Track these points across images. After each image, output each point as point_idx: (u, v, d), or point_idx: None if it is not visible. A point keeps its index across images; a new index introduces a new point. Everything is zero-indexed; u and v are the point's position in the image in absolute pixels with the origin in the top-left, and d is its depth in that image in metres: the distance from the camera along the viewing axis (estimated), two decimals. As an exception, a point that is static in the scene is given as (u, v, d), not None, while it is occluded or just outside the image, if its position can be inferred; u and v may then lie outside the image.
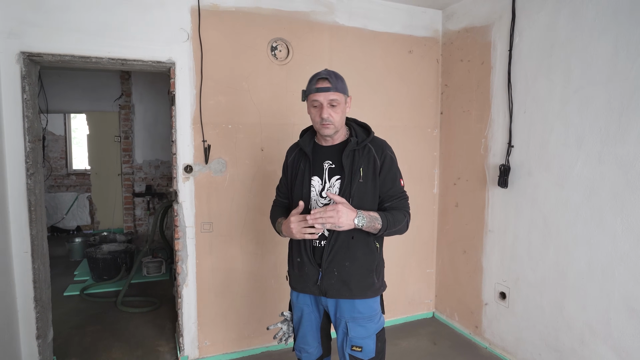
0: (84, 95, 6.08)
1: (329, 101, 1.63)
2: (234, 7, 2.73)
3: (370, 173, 1.69)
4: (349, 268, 1.69)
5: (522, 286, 2.74)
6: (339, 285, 1.70)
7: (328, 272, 1.70)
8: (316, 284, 1.73)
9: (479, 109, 3.04)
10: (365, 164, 1.69)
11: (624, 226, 2.13)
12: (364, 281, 1.72)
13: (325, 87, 1.63)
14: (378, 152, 1.72)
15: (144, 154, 5.87)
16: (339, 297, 1.72)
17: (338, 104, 1.65)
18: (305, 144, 1.79)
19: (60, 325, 3.37)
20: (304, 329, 1.85)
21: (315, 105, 1.66)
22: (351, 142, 1.69)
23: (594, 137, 2.25)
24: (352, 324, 1.71)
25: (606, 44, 2.17)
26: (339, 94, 1.64)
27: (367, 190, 1.69)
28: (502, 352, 2.90)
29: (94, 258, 4.39)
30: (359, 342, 1.71)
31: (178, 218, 2.72)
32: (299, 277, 1.79)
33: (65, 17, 2.36)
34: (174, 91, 2.65)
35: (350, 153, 1.70)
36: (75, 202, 6.67)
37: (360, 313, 1.71)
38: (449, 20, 3.33)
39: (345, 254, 1.69)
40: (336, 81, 1.64)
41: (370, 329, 1.73)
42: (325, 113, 1.63)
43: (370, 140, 1.74)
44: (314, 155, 1.77)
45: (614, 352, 2.19)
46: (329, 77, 1.63)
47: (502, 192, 2.85)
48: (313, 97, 1.65)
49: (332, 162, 1.73)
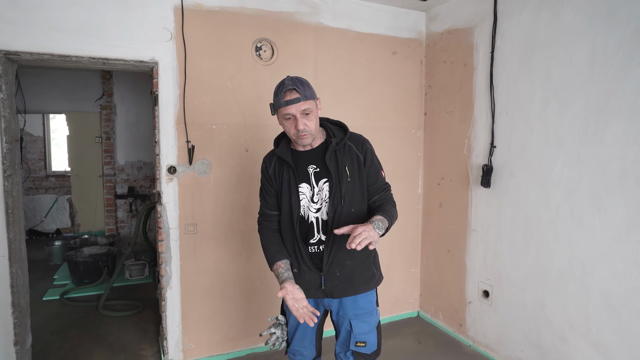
0: (63, 95, 5.94)
1: (301, 112, 1.57)
2: (218, 6, 2.71)
3: (355, 170, 1.70)
4: (350, 266, 1.73)
5: (504, 284, 2.78)
6: (343, 285, 1.73)
7: (330, 274, 1.72)
8: (320, 288, 1.74)
9: (462, 110, 3.08)
10: (349, 161, 1.69)
11: (602, 224, 2.18)
12: (364, 275, 1.77)
13: (295, 99, 1.56)
14: (359, 148, 1.73)
15: (126, 155, 5.77)
16: (344, 296, 1.75)
17: (311, 112, 1.60)
18: (284, 153, 1.72)
19: (39, 330, 3.29)
20: (302, 333, 1.84)
21: (288, 118, 1.60)
22: (332, 144, 1.68)
23: (573, 137, 2.30)
24: (356, 321, 1.76)
25: (584, 47, 2.23)
26: (309, 101, 1.59)
27: (356, 188, 1.70)
28: (486, 350, 2.95)
29: (75, 261, 4.29)
30: (363, 337, 1.76)
31: (162, 220, 2.68)
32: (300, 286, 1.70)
33: (44, 14, 2.30)
34: (157, 91, 2.61)
35: (333, 154, 1.69)
36: (54, 205, 6.51)
37: (363, 309, 1.76)
38: (432, 22, 3.37)
39: (345, 253, 1.71)
40: (304, 89, 1.58)
41: (372, 323, 1.79)
42: (301, 124, 1.58)
43: (349, 137, 1.74)
44: (295, 162, 1.71)
45: (593, 347, 2.24)
46: (296, 87, 1.56)
47: (485, 192, 2.90)
48: (284, 111, 1.59)
49: (317, 166, 1.71)
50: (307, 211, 1.72)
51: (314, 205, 1.71)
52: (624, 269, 2.09)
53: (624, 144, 2.07)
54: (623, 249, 2.09)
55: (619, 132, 2.08)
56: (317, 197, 1.71)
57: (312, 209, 1.71)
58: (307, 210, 1.72)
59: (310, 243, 1.73)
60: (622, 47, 2.06)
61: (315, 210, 1.71)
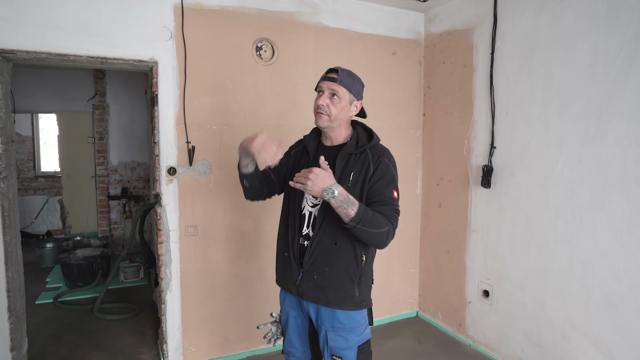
0: (54, 94, 5.83)
1: (330, 90, 1.62)
2: (219, 6, 2.68)
3: (360, 179, 1.63)
4: (328, 274, 1.64)
5: (504, 284, 2.80)
6: (316, 290, 1.66)
7: (308, 274, 1.67)
8: (295, 283, 1.70)
9: (462, 111, 3.10)
10: (358, 169, 1.64)
11: (603, 224, 2.21)
12: (342, 291, 1.65)
13: (331, 77, 1.63)
14: (374, 158, 1.65)
15: (120, 155, 5.68)
16: (314, 302, 1.68)
17: (339, 97, 1.62)
18: (310, 141, 1.78)
19: (33, 335, 3.22)
20: (290, 332, 1.84)
21: (319, 92, 1.67)
22: (347, 145, 1.66)
23: (574, 138, 2.33)
24: (332, 334, 1.67)
25: (585, 49, 2.25)
26: (342, 88, 1.62)
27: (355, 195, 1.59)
28: (486, 349, 2.96)
29: (68, 264, 4.21)
30: (339, 352, 1.67)
31: (161, 221, 2.64)
32: (283, 273, 1.77)
33: (42, 12, 2.25)
34: (157, 91, 2.57)
35: (346, 156, 1.66)
36: (45, 206, 6.39)
37: (341, 323, 1.66)
38: (431, 23, 3.38)
39: (327, 259, 1.64)
40: (345, 77, 1.63)
41: (352, 340, 1.67)
42: (323, 100, 1.62)
43: (371, 146, 1.68)
44: (315, 154, 1.75)
45: (594, 346, 2.27)
46: (339, 70, 1.64)
47: (485, 192, 2.91)
48: (319, 84, 1.67)
49: (329, 163, 1.68)
50: (304, 202, 1.72)
51: (312, 199, 1.70)
52: (625, 268, 2.12)
53: (624, 145, 2.10)
54: (624, 249, 2.12)
55: (620, 133, 2.11)
56: None
57: (309, 202, 1.70)
58: (305, 201, 1.72)
59: (301, 235, 1.71)
60: (623, 50, 2.08)
61: (312, 205, 1.70)
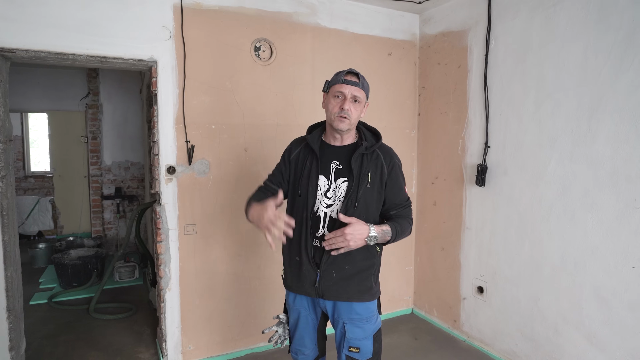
0: (45, 93, 5.78)
1: (352, 95, 1.65)
2: (218, 6, 2.70)
3: (377, 179, 1.70)
4: (348, 271, 1.70)
5: (498, 280, 2.87)
6: (337, 288, 1.70)
7: (326, 274, 1.69)
8: (313, 285, 1.72)
9: (456, 111, 3.16)
10: (373, 169, 1.70)
11: (594, 221, 2.28)
12: (362, 285, 1.72)
13: (354, 82, 1.65)
14: (386, 160, 1.72)
15: (113, 155, 5.65)
16: (336, 300, 1.72)
17: (359, 102, 1.67)
18: (314, 141, 1.76)
19: (29, 336, 3.19)
20: (300, 331, 1.84)
21: (338, 96, 1.66)
22: (361, 146, 1.69)
23: (566, 138, 2.39)
24: (350, 326, 1.72)
25: (577, 51, 2.32)
26: (363, 92, 1.68)
27: (373, 196, 1.70)
28: (480, 344, 3.02)
29: (62, 264, 4.19)
30: (356, 343, 1.72)
31: (160, 220, 2.65)
32: (297, 277, 1.77)
33: (42, 11, 2.25)
34: (156, 90, 2.58)
35: (359, 157, 1.70)
36: (36, 206, 6.32)
37: (359, 315, 1.72)
38: (426, 25, 3.43)
39: (346, 257, 1.68)
40: (364, 81, 1.69)
41: (368, 330, 1.74)
42: (347, 105, 1.63)
43: (379, 146, 1.74)
44: (320, 153, 1.75)
45: (585, 339, 2.34)
46: (358, 75, 1.67)
47: (479, 190, 2.98)
48: (338, 88, 1.66)
49: (340, 164, 1.72)
50: (318, 204, 1.72)
51: (326, 200, 1.71)
52: (615, 263, 2.19)
53: (615, 144, 2.17)
54: (614, 245, 2.19)
55: (611, 132, 2.18)
56: (332, 193, 1.71)
57: (323, 202, 1.71)
58: (319, 203, 1.72)
59: (315, 236, 1.72)
60: (614, 51, 2.15)
61: (326, 205, 1.71)
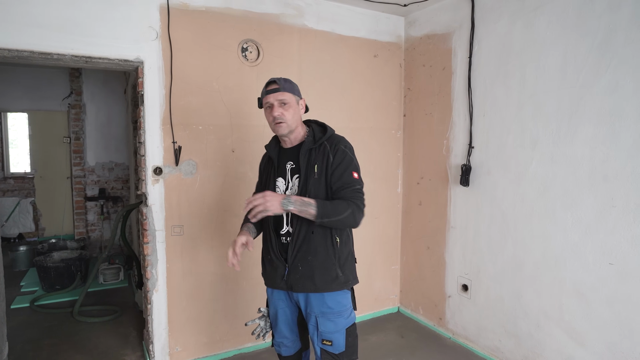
0: (25, 93, 5.66)
1: (278, 101, 1.75)
2: (204, 6, 2.70)
3: (324, 168, 1.77)
4: (311, 262, 1.77)
5: (482, 278, 2.93)
6: (304, 280, 1.78)
7: (294, 267, 1.79)
8: (283, 279, 1.82)
9: (441, 112, 3.21)
10: (320, 160, 1.78)
11: (573, 219, 2.35)
12: (326, 274, 1.78)
13: (274, 89, 1.76)
14: (332, 148, 1.79)
15: (97, 155, 5.57)
16: (304, 291, 1.79)
17: (288, 103, 1.77)
18: (271, 149, 1.92)
19: (11, 340, 3.12)
20: (280, 324, 1.93)
21: (268, 107, 1.79)
22: (306, 142, 1.80)
23: (546, 139, 2.47)
24: (322, 319, 1.78)
25: (557, 55, 2.39)
26: (287, 94, 1.77)
27: (321, 185, 1.76)
28: (465, 341, 3.09)
29: (45, 267, 4.11)
30: (328, 336, 1.78)
31: (147, 222, 2.63)
32: (270, 274, 1.89)
33: (25, 10, 2.22)
34: (142, 91, 2.57)
35: (307, 152, 1.80)
36: (17, 208, 6.18)
37: (330, 308, 1.78)
38: (411, 27, 3.48)
39: (307, 248, 1.77)
40: (284, 83, 1.78)
41: (340, 324, 1.79)
42: (276, 112, 1.75)
43: (327, 138, 1.82)
44: (278, 158, 1.89)
45: (565, 334, 2.41)
46: (277, 80, 1.78)
47: (463, 190, 3.04)
48: (265, 100, 1.80)
49: (293, 163, 1.84)
50: None
51: None
52: (594, 260, 2.26)
53: (592, 145, 2.25)
54: (593, 242, 2.27)
55: (589, 134, 2.26)
56: (290, 191, 1.83)
57: None
58: None
59: (281, 234, 1.84)
60: (591, 55, 2.23)
61: None
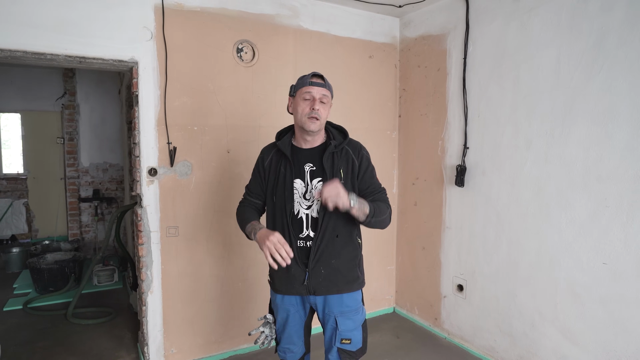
0: (18, 93, 5.62)
1: (321, 96, 1.72)
2: (199, 7, 2.69)
3: (349, 173, 1.78)
4: (335, 265, 1.76)
5: (478, 278, 2.94)
6: (327, 283, 1.76)
7: (315, 271, 1.75)
8: (303, 284, 1.77)
9: (436, 113, 3.22)
10: (345, 165, 1.78)
11: (567, 219, 2.37)
12: (349, 276, 1.80)
13: (320, 83, 1.73)
14: (355, 153, 1.81)
15: (91, 156, 5.53)
16: (327, 294, 1.78)
17: (327, 102, 1.76)
18: (285, 147, 1.81)
19: (4, 342, 3.10)
20: (290, 330, 1.88)
21: (307, 98, 1.72)
22: (331, 145, 1.76)
23: (541, 139, 2.48)
24: (342, 318, 1.79)
25: (550, 56, 2.41)
26: (329, 92, 1.77)
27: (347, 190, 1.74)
28: (460, 341, 3.10)
29: (38, 269, 4.07)
30: (348, 334, 1.79)
31: (142, 223, 2.62)
32: (285, 280, 1.81)
33: (18, 9, 2.20)
34: (137, 92, 2.55)
35: (330, 155, 1.77)
36: (9, 209, 6.12)
37: (348, 307, 1.80)
38: (406, 28, 3.49)
39: (332, 252, 1.76)
40: (328, 83, 1.78)
41: (357, 320, 1.82)
42: (317, 105, 1.71)
43: (347, 142, 1.82)
44: (293, 157, 1.80)
45: (560, 333, 2.42)
46: (323, 76, 1.75)
47: (458, 190, 3.05)
48: (306, 90, 1.72)
49: (313, 165, 1.78)
50: (298, 206, 1.78)
51: (306, 202, 1.77)
52: (588, 259, 2.28)
53: (586, 146, 2.26)
54: (587, 242, 2.28)
55: (582, 134, 2.27)
56: (310, 194, 1.78)
57: (303, 205, 1.77)
58: (299, 205, 1.78)
59: (300, 237, 1.78)
60: (585, 57, 2.25)
61: (307, 207, 1.77)
